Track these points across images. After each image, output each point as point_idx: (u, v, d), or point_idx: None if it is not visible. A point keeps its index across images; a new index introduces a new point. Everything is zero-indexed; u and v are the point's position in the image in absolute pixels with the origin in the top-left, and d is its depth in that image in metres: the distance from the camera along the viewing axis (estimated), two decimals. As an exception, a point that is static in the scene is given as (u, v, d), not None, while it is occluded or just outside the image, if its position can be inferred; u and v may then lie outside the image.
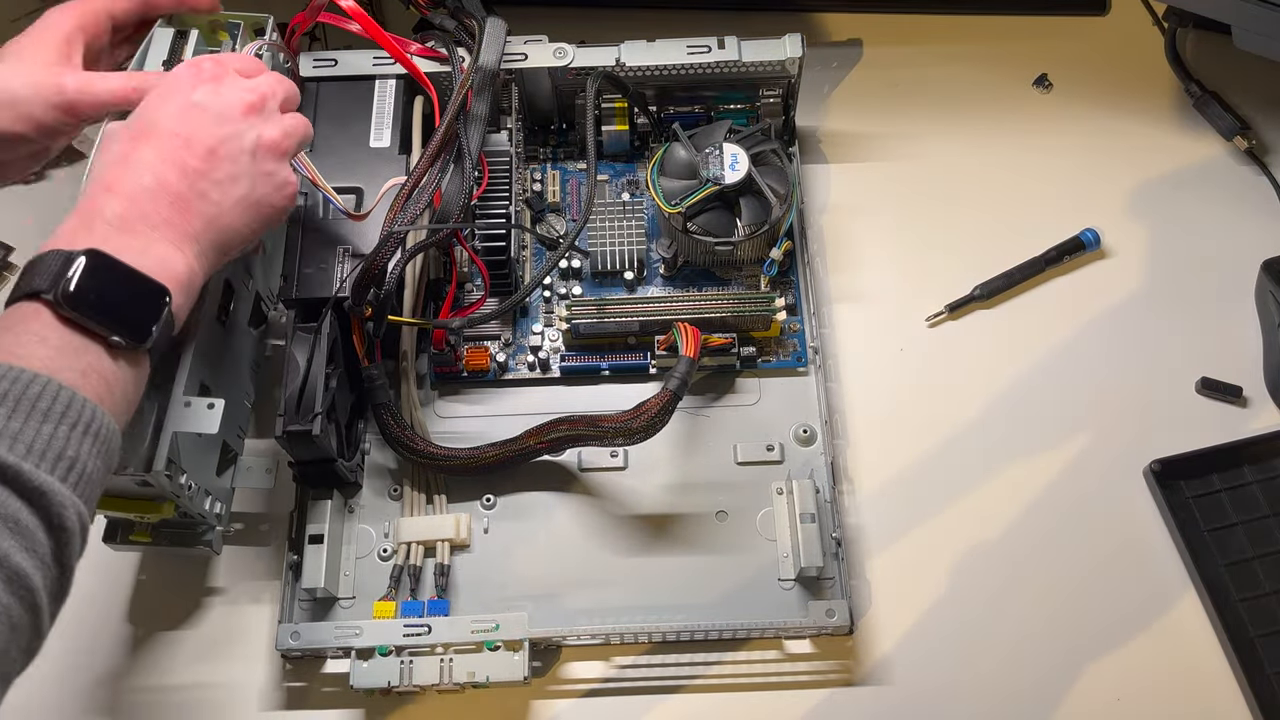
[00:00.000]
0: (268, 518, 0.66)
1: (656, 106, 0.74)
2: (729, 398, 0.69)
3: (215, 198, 0.52)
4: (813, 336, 0.70)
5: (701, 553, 0.64)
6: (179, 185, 0.51)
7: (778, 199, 0.68)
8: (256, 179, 0.54)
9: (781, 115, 0.74)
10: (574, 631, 0.61)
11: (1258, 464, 0.66)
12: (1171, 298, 0.73)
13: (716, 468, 0.67)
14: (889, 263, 0.74)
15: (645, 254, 0.72)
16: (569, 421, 0.63)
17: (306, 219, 0.64)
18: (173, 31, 0.64)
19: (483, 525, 0.65)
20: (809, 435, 0.67)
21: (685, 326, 0.64)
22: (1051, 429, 0.69)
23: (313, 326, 0.61)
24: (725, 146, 0.68)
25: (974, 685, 0.62)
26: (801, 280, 0.71)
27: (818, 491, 0.64)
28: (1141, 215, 0.76)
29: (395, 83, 0.68)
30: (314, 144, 0.66)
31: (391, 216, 0.62)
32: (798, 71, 0.71)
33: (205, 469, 0.61)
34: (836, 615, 0.60)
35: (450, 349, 0.68)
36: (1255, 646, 0.61)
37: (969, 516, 0.66)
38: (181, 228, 0.50)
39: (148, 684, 0.62)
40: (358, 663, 0.59)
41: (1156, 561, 0.65)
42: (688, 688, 0.62)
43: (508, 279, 0.69)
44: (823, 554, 0.62)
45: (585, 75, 0.70)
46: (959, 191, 0.77)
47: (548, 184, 0.75)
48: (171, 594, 0.64)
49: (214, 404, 0.56)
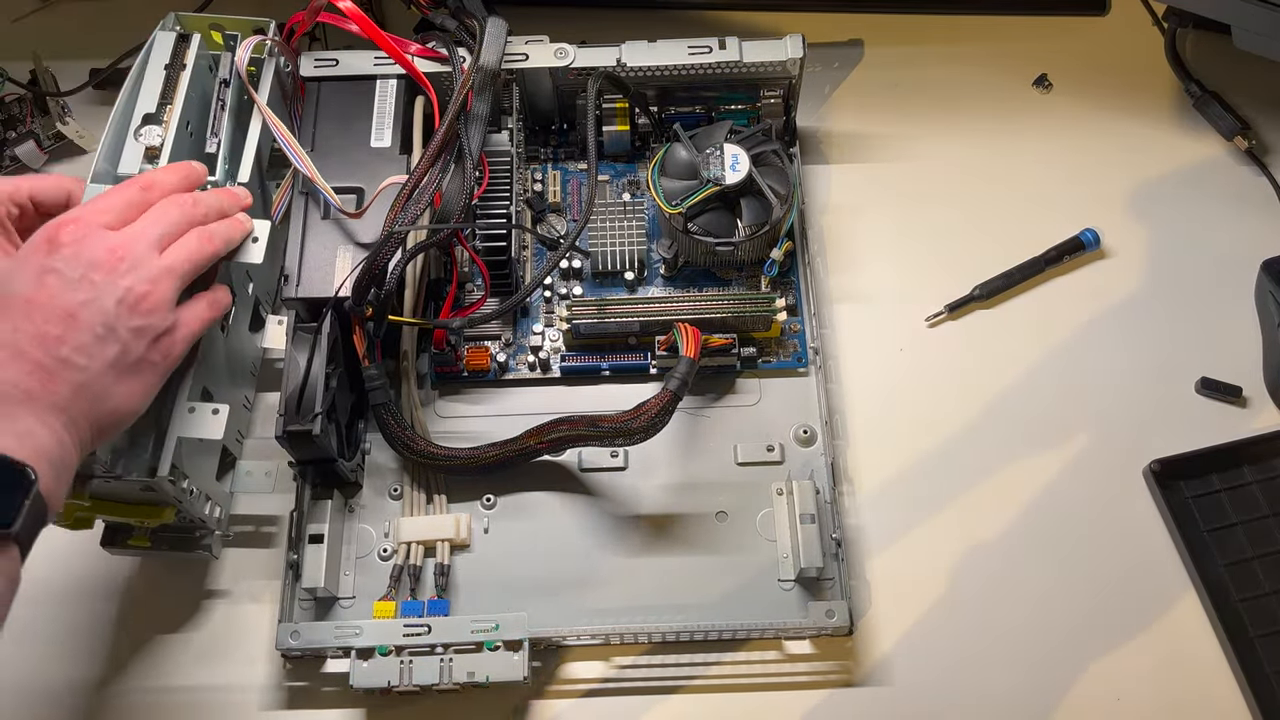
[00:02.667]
0: (268, 520, 0.66)
1: (657, 107, 0.74)
2: (729, 398, 0.69)
3: (81, 363, 0.48)
4: (813, 337, 0.70)
5: (701, 553, 0.64)
6: (37, 354, 0.47)
7: (778, 199, 0.68)
8: (129, 339, 0.50)
9: (782, 116, 0.74)
10: (574, 631, 0.61)
11: (1257, 464, 0.66)
12: (1171, 298, 0.73)
13: (717, 468, 0.67)
14: (889, 263, 0.74)
15: (646, 254, 0.72)
16: (569, 422, 0.63)
17: (307, 219, 0.64)
18: (174, 36, 0.64)
19: (483, 525, 0.65)
20: (809, 436, 0.67)
21: (686, 327, 0.64)
22: (1051, 429, 0.69)
23: (313, 326, 0.61)
24: (726, 147, 0.68)
25: (974, 686, 0.62)
26: (802, 281, 0.71)
27: (818, 492, 0.64)
28: (1141, 215, 0.76)
29: (396, 83, 0.68)
30: (315, 144, 0.66)
31: (392, 216, 0.62)
32: (798, 72, 0.71)
33: (205, 473, 0.61)
34: (836, 616, 0.60)
35: (451, 349, 0.68)
36: (1255, 646, 0.61)
37: (969, 516, 0.66)
38: (45, 399, 0.47)
39: (147, 685, 0.62)
40: (358, 662, 0.59)
41: (1156, 561, 0.65)
42: (687, 688, 0.62)
43: (508, 279, 0.69)
44: (823, 554, 0.62)
45: (586, 75, 0.70)
46: (959, 191, 0.77)
47: (548, 184, 0.75)
48: (171, 595, 0.64)
49: (218, 409, 0.56)
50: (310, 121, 0.67)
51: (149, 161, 0.60)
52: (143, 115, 0.61)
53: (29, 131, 0.77)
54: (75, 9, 0.84)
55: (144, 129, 0.60)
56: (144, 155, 0.60)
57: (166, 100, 0.62)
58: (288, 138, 0.63)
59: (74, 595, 0.64)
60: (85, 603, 0.64)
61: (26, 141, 0.76)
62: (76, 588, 0.64)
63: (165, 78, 0.62)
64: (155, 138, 0.60)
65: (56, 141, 0.77)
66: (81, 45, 0.81)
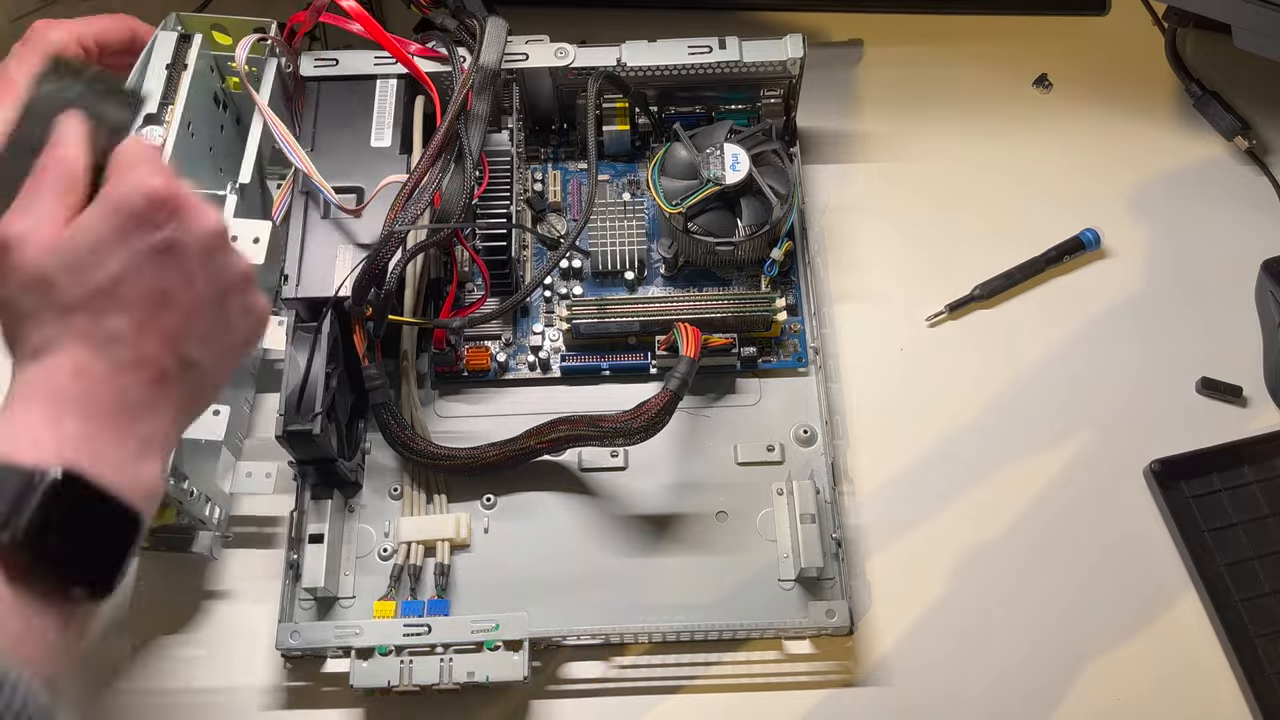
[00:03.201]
0: (269, 520, 0.66)
1: (658, 106, 0.74)
2: (729, 398, 0.69)
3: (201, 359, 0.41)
4: (813, 337, 0.70)
5: (701, 553, 0.64)
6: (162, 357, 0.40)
7: (779, 199, 0.68)
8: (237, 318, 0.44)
9: (783, 115, 0.74)
10: (574, 631, 0.61)
11: (1258, 464, 0.66)
12: (1171, 297, 0.73)
13: (717, 468, 0.67)
14: (889, 263, 0.74)
15: (646, 254, 0.72)
16: (569, 422, 0.63)
17: (307, 219, 0.64)
18: (175, 36, 0.64)
19: (483, 525, 0.65)
20: (809, 436, 0.67)
21: (686, 327, 0.64)
22: (1051, 429, 0.69)
23: (313, 326, 0.61)
24: (726, 147, 0.68)
25: (974, 686, 0.62)
26: (802, 281, 0.71)
27: (818, 492, 0.64)
28: (1141, 215, 0.76)
29: (396, 82, 0.68)
30: (315, 143, 0.66)
31: (392, 216, 0.62)
32: (799, 72, 0.71)
33: (205, 474, 0.61)
34: (836, 616, 0.60)
35: (451, 349, 0.68)
36: (1255, 646, 0.61)
37: (969, 516, 0.66)
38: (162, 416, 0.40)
39: (147, 686, 0.62)
40: (357, 662, 0.58)
41: (1156, 561, 0.65)
42: (687, 688, 0.62)
43: (508, 279, 0.69)
44: (823, 554, 0.62)
45: (586, 75, 0.70)
46: (959, 191, 0.77)
47: (549, 184, 0.75)
48: (172, 594, 0.64)
49: (219, 411, 0.56)
50: (310, 121, 0.67)
51: None
52: (144, 115, 0.61)
53: None
54: (75, 8, 0.84)
55: (145, 129, 0.61)
56: None
57: (168, 101, 0.62)
58: (287, 137, 0.63)
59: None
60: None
61: None
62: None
63: (167, 78, 0.62)
64: (157, 138, 0.61)
65: None
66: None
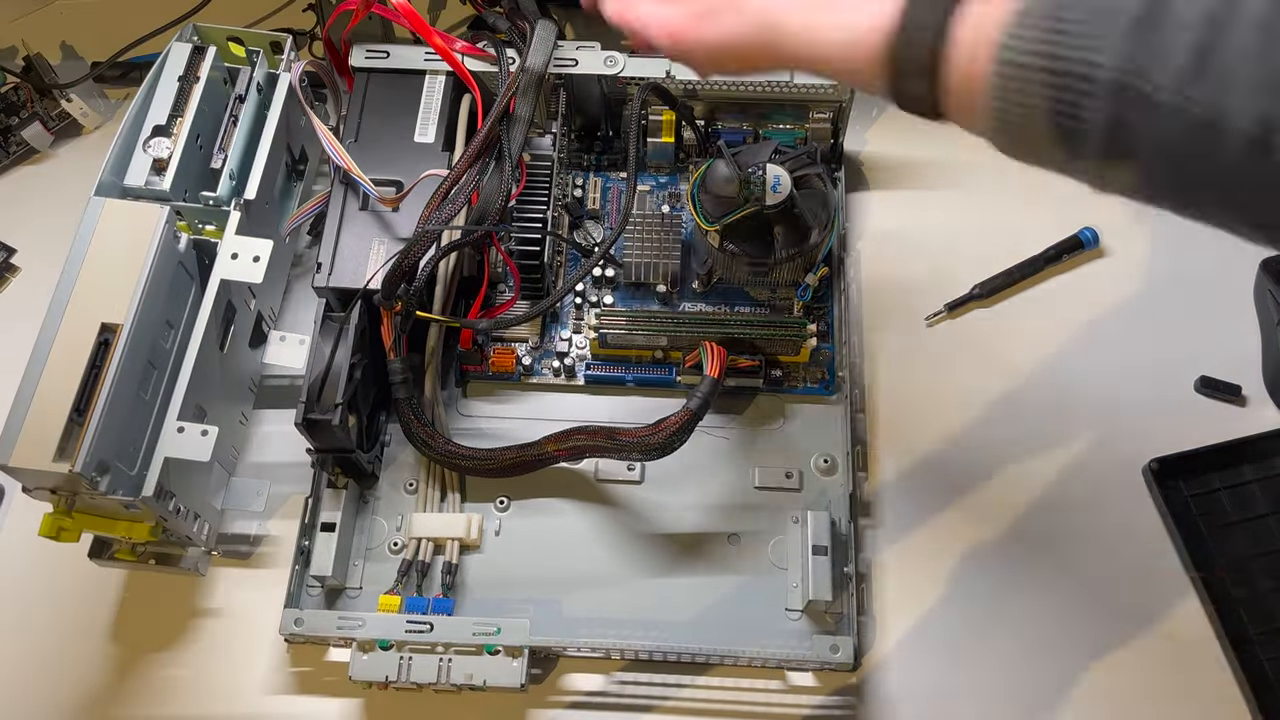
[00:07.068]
0: (269, 535, 0.66)
1: (704, 121, 0.73)
2: (752, 419, 0.68)
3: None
4: (842, 365, 0.69)
5: (710, 574, 0.64)
6: None
7: (818, 225, 0.67)
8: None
9: (830, 139, 0.74)
10: (575, 642, 0.61)
11: (1257, 463, 0.66)
12: (1170, 297, 0.72)
13: (733, 490, 0.66)
14: (897, 265, 0.74)
15: (680, 268, 0.71)
16: (588, 432, 0.62)
17: (345, 209, 0.64)
18: (190, 47, 0.64)
19: (495, 526, 0.65)
20: (830, 465, 0.67)
21: (712, 346, 0.64)
22: (1050, 428, 0.68)
23: (342, 316, 0.61)
24: (769, 167, 0.67)
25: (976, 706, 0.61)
26: (836, 307, 0.70)
27: (834, 524, 0.63)
28: (1141, 214, 0.74)
29: (445, 79, 0.69)
30: (358, 135, 0.67)
31: (427, 214, 0.62)
32: (850, 95, 0.70)
33: (195, 491, 0.61)
34: (841, 651, 0.59)
35: (477, 348, 0.68)
36: (1255, 646, 0.61)
37: (972, 517, 0.66)
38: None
39: (150, 669, 0.62)
40: (358, 654, 0.59)
41: (1156, 561, 0.64)
42: (685, 709, 0.61)
43: (539, 283, 0.68)
44: (833, 588, 0.61)
45: (634, 85, 0.70)
46: (959, 191, 0.76)
47: (589, 190, 0.75)
48: (172, 590, 0.64)
49: (207, 431, 0.56)
50: (356, 112, 0.68)
51: (156, 174, 0.60)
52: (153, 127, 0.61)
53: (33, 114, 0.77)
54: (75, 8, 0.85)
55: (153, 141, 0.61)
56: (152, 167, 0.60)
57: (178, 113, 0.62)
58: (329, 137, 0.63)
59: (73, 588, 0.64)
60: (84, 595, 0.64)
61: (32, 124, 0.77)
62: (79, 576, 0.64)
63: (178, 89, 0.63)
64: (164, 150, 0.61)
65: (62, 121, 0.78)
66: (81, 45, 0.82)
